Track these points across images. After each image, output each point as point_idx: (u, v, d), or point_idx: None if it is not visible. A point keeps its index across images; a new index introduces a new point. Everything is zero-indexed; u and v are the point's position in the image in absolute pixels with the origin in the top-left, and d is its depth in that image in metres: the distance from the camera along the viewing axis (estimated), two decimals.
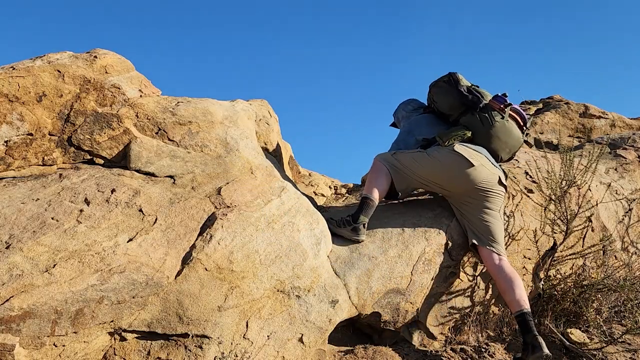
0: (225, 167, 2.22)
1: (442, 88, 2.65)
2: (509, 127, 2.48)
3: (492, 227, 2.36)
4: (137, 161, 2.12)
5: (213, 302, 1.79)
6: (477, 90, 2.55)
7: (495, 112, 2.46)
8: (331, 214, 2.53)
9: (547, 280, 2.60)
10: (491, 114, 2.45)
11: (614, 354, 2.30)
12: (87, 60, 2.34)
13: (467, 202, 2.40)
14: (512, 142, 2.51)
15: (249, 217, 2.01)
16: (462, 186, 2.36)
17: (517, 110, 2.54)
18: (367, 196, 2.37)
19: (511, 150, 2.54)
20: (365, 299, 2.16)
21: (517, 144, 2.54)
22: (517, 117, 2.53)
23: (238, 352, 1.81)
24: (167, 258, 1.77)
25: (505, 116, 2.46)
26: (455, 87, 2.57)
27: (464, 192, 2.38)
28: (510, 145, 2.51)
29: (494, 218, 2.37)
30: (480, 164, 2.33)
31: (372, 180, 2.44)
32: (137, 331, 1.71)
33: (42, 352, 1.53)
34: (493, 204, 2.38)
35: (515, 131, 2.51)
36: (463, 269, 2.44)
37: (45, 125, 2.12)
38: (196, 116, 2.37)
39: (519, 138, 2.53)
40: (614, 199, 3.19)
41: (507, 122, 2.47)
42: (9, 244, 1.61)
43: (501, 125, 2.45)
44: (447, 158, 2.36)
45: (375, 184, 2.40)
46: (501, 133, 2.45)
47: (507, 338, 2.42)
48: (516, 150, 2.57)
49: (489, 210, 2.37)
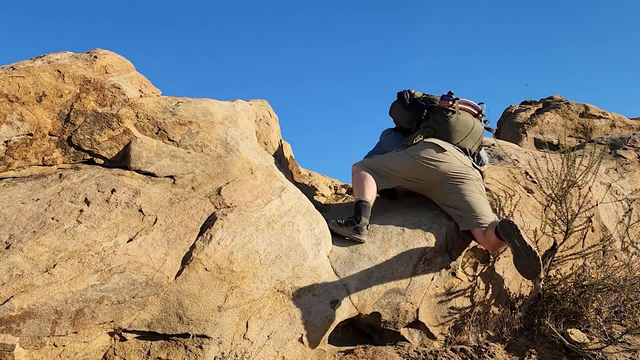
0: (225, 167, 2.22)
1: (396, 108, 2.88)
2: (462, 119, 2.66)
3: (475, 205, 2.44)
4: (137, 161, 2.12)
5: (213, 302, 1.79)
6: (426, 99, 2.79)
7: (445, 110, 2.66)
8: (332, 215, 2.53)
9: (547, 280, 2.60)
10: (443, 113, 2.65)
11: (614, 354, 2.30)
12: (87, 60, 2.34)
13: (448, 190, 2.50)
14: (473, 130, 2.67)
15: (249, 217, 2.01)
16: (440, 173, 2.49)
17: (466, 102, 2.73)
18: (360, 199, 2.44)
19: (475, 139, 2.68)
20: (365, 299, 2.16)
21: (477, 132, 2.70)
22: (469, 108, 2.73)
23: (238, 352, 1.81)
24: (167, 258, 1.77)
25: (455, 110, 2.65)
26: (403, 104, 2.83)
27: (442, 179, 2.50)
28: (472, 134, 2.67)
29: (475, 198, 2.46)
30: (451, 150, 2.53)
31: (358, 185, 2.54)
32: (137, 331, 1.71)
33: (42, 352, 1.53)
34: (472, 187, 2.49)
35: (470, 120, 2.69)
36: (463, 269, 2.44)
37: (45, 125, 2.12)
38: (196, 116, 2.37)
39: (476, 126, 2.70)
40: (614, 199, 3.19)
41: (460, 114, 2.66)
42: (9, 244, 1.61)
43: (455, 120, 2.64)
44: (421, 149, 2.53)
45: (363, 186, 2.51)
46: (458, 126, 2.63)
47: (507, 338, 2.42)
48: (479, 137, 2.71)
49: (469, 191, 2.48)
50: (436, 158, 2.49)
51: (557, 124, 5.76)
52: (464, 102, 2.72)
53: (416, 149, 2.56)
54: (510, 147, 3.60)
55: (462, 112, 2.70)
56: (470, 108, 2.74)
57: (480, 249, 2.49)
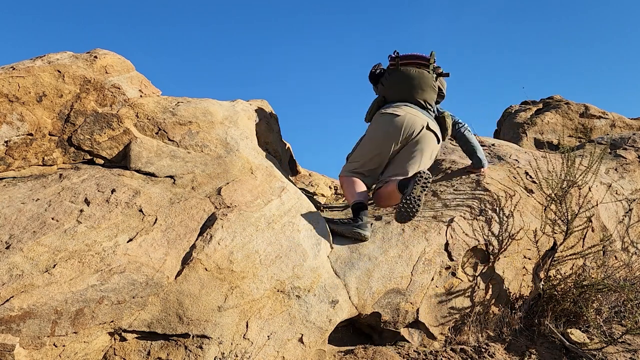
0: (225, 167, 2.21)
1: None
2: (406, 71, 2.80)
3: (415, 165, 2.61)
4: (137, 161, 2.12)
5: (213, 302, 1.79)
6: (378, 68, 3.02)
7: (388, 70, 2.87)
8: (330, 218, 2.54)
9: (547, 281, 2.60)
10: (388, 72, 2.86)
11: (614, 354, 2.30)
12: (87, 60, 2.34)
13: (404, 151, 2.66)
14: (419, 80, 2.78)
15: (249, 217, 2.01)
16: (399, 137, 2.63)
17: (409, 56, 2.85)
18: (354, 202, 2.49)
19: (425, 88, 2.78)
20: (365, 299, 2.15)
21: (425, 80, 2.79)
22: (413, 61, 2.85)
23: (238, 352, 1.81)
24: (167, 258, 1.77)
25: (396, 68, 2.83)
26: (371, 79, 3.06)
27: (402, 143, 2.65)
28: (421, 83, 2.78)
29: (420, 159, 2.64)
30: (406, 113, 2.64)
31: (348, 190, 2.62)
32: (137, 331, 1.71)
33: (42, 352, 1.53)
34: (424, 148, 2.65)
35: (414, 71, 2.80)
36: (463, 269, 2.44)
37: (45, 125, 2.12)
38: (196, 116, 2.37)
39: (422, 74, 2.80)
40: (614, 199, 3.19)
41: (403, 68, 2.82)
42: (9, 244, 1.61)
43: (399, 73, 2.80)
44: (378, 122, 2.71)
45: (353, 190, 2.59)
46: (403, 79, 2.79)
47: (507, 338, 2.42)
48: (430, 83, 2.80)
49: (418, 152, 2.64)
50: (393, 122, 2.63)
51: (557, 124, 5.76)
52: (407, 56, 2.84)
53: (375, 122, 2.72)
54: (510, 147, 3.60)
55: (406, 66, 2.82)
56: (414, 60, 2.84)
57: (481, 249, 2.49)
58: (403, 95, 2.75)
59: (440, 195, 2.78)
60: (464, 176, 2.95)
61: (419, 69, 2.81)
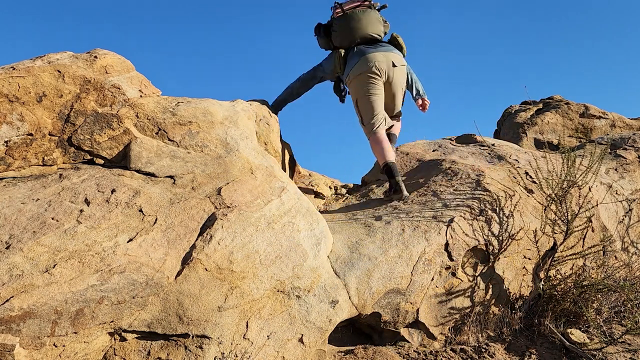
0: (225, 167, 2.21)
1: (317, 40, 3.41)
2: (350, 14, 3.14)
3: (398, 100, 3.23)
4: (137, 161, 2.12)
5: (213, 303, 1.79)
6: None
7: (335, 19, 3.19)
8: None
9: (547, 281, 2.60)
10: (337, 20, 3.18)
11: (614, 354, 2.30)
12: (87, 60, 2.34)
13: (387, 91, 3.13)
14: (367, 17, 3.14)
15: (249, 217, 2.01)
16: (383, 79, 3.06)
17: (349, 2, 3.20)
18: (386, 162, 2.89)
19: (374, 22, 3.15)
20: (365, 299, 2.16)
21: (372, 16, 3.16)
22: (354, 4, 3.19)
23: (238, 352, 1.81)
24: (167, 258, 1.77)
25: (343, 12, 3.16)
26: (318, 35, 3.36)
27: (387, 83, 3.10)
28: (369, 19, 3.14)
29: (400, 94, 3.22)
30: (373, 61, 3.02)
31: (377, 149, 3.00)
32: (137, 331, 1.71)
33: (42, 352, 1.53)
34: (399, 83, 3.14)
35: (358, 12, 3.14)
36: (463, 269, 2.44)
37: (45, 125, 2.12)
38: (196, 116, 2.37)
39: (368, 12, 3.16)
40: (614, 199, 3.19)
41: (349, 12, 3.15)
42: (9, 244, 1.61)
43: (347, 17, 3.13)
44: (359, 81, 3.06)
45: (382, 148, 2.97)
46: (353, 19, 3.13)
47: (507, 338, 2.42)
48: (376, 17, 3.18)
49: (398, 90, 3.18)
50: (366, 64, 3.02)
51: (557, 124, 5.77)
52: (348, 2, 3.20)
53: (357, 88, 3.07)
54: (510, 147, 3.60)
55: (350, 11, 3.16)
56: (355, 3, 3.19)
57: (480, 249, 2.49)
58: (357, 33, 3.12)
59: (440, 195, 2.78)
60: (464, 176, 2.95)
61: (362, 7, 3.19)
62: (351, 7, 3.17)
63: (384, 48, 3.09)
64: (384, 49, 3.08)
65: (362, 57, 3.02)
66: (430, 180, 3.05)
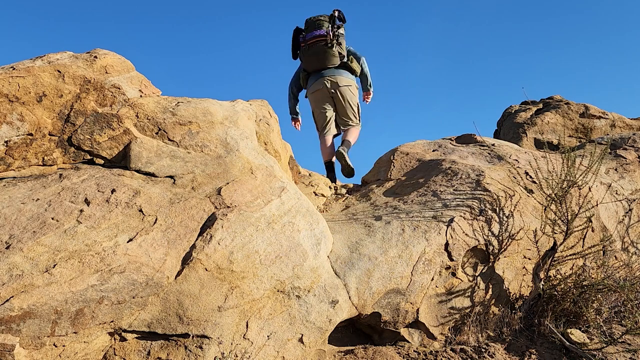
0: (225, 167, 2.21)
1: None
2: (309, 51, 3.89)
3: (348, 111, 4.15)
4: (137, 161, 2.12)
5: (213, 302, 1.79)
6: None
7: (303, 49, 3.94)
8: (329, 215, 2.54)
9: (547, 281, 2.60)
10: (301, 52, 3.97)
11: (614, 354, 2.30)
12: (87, 60, 2.34)
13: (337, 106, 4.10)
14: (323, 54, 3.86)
15: (249, 217, 2.01)
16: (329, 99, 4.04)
17: (311, 37, 3.84)
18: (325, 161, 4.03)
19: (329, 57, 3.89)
20: (366, 299, 2.15)
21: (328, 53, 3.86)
22: (315, 40, 3.84)
23: (238, 352, 1.81)
24: (167, 258, 1.77)
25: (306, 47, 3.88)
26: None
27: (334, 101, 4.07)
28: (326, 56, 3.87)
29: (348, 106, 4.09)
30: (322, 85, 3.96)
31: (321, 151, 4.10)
32: (137, 331, 1.71)
33: (42, 352, 1.53)
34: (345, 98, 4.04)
35: (315, 48, 3.86)
36: (463, 269, 2.44)
37: (45, 125, 2.12)
38: (196, 116, 2.37)
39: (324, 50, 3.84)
40: (614, 199, 3.19)
41: (308, 49, 3.88)
42: (9, 244, 1.61)
43: (308, 51, 3.89)
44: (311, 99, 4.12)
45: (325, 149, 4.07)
46: (312, 56, 3.89)
47: (507, 338, 2.42)
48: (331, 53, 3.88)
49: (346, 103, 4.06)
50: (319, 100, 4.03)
51: (557, 124, 5.77)
52: (310, 37, 3.84)
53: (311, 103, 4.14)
54: (510, 147, 3.60)
55: (313, 45, 3.83)
56: (316, 39, 3.83)
57: (481, 249, 2.49)
58: (315, 65, 3.94)
59: (440, 195, 2.78)
60: (464, 176, 2.95)
61: (322, 45, 3.82)
62: (312, 42, 3.85)
63: (335, 72, 3.97)
64: (335, 73, 3.97)
65: (318, 80, 3.96)
66: (430, 180, 3.05)
